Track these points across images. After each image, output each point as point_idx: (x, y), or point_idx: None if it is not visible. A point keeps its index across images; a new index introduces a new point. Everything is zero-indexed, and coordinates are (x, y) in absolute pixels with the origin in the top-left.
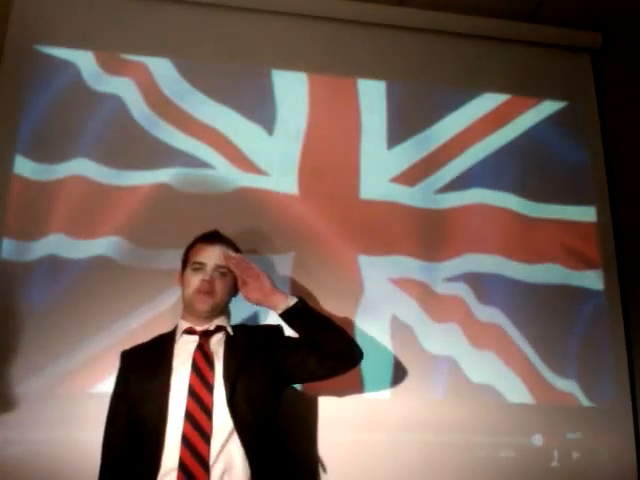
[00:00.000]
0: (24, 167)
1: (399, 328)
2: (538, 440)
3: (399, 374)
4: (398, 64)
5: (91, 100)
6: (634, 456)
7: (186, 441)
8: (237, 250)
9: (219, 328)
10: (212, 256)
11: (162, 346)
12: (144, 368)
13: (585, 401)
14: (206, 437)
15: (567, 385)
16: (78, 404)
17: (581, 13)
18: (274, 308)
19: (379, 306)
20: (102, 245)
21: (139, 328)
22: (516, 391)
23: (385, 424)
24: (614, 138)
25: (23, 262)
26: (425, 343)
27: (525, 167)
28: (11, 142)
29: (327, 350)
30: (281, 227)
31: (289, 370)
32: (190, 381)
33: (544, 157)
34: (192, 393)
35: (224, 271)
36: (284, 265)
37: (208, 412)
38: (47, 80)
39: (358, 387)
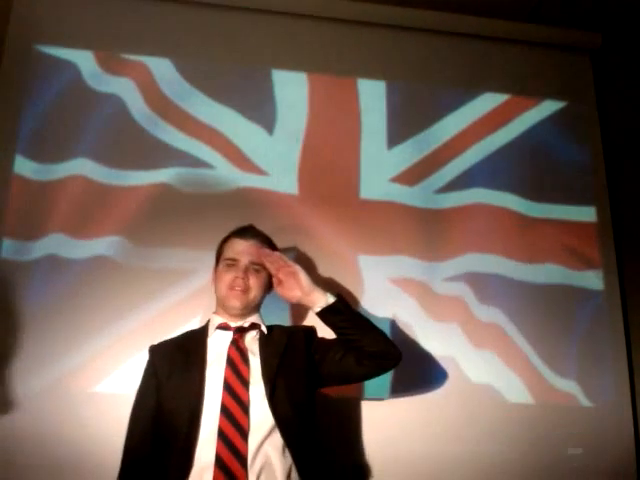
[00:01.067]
0: (24, 167)
1: (399, 328)
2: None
3: (399, 374)
4: (398, 64)
5: (91, 100)
6: (634, 456)
7: (223, 436)
8: (273, 246)
9: (253, 325)
10: (246, 252)
11: (194, 341)
12: (176, 363)
13: (585, 401)
14: (243, 433)
15: (567, 385)
16: (78, 404)
17: (581, 13)
18: (312, 306)
19: (379, 306)
20: (102, 245)
21: (139, 328)
22: (516, 391)
23: (385, 424)
24: (614, 138)
25: (23, 262)
26: (425, 343)
27: (525, 167)
28: (11, 142)
29: (366, 349)
30: (281, 227)
31: (327, 370)
32: (225, 376)
33: (544, 157)
34: (228, 388)
35: (258, 268)
36: None
37: (245, 408)
38: (47, 80)
39: (358, 387)
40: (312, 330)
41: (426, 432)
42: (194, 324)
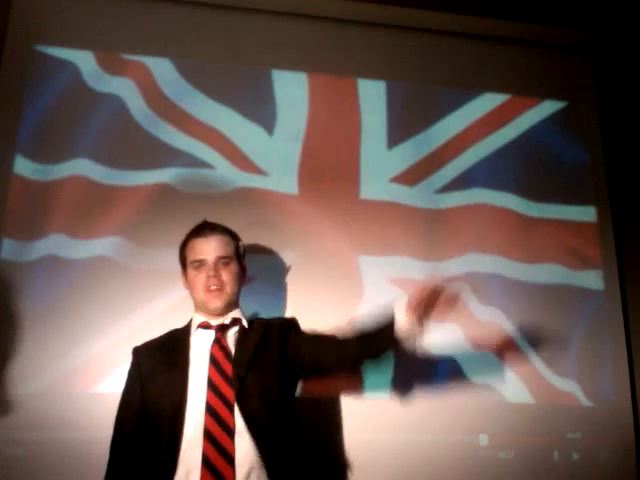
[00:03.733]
0: (24, 167)
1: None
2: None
3: (399, 374)
4: (398, 64)
5: (91, 100)
6: (634, 456)
7: (209, 436)
8: (232, 235)
9: (235, 321)
10: (210, 249)
11: (177, 341)
12: (159, 363)
13: (585, 401)
14: (230, 432)
15: (567, 385)
16: (78, 404)
17: (581, 13)
18: (409, 336)
19: (379, 306)
20: (102, 245)
21: (139, 328)
22: (516, 391)
23: (385, 424)
24: (614, 138)
25: (23, 262)
26: (425, 343)
27: (525, 167)
28: (11, 142)
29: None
30: (281, 227)
31: (299, 359)
32: (209, 374)
33: (544, 157)
34: (212, 386)
35: (226, 260)
36: (283, 265)
37: (230, 406)
38: (47, 80)
39: (358, 387)
40: (291, 321)
41: (426, 432)
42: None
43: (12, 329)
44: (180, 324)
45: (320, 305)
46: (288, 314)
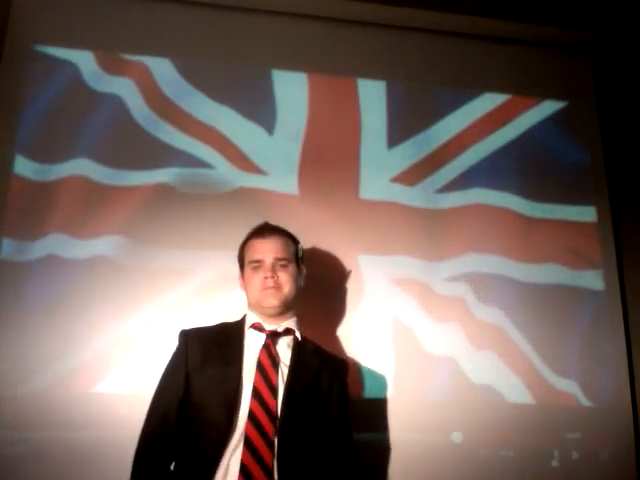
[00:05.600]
0: (24, 167)
1: (399, 328)
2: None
3: (399, 374)
4: (398, 64)
5: (91, 100)
6: (634, 456)
7: (249, 444)
8: (292, 238)
9: (287, 331)
10: (268, 250)
11: (231, 336)
12: (211, 355)
13: (585, 401)
14: (270, 443)
15: (567, 385)
16: (79, 404)
17: (580, 13)
18: None
19: (379, 306)
20: (102, 245)
21: (139, 328)
22: (516, 391)
23: (385, 424)
24: (614, 138)
25: (23, 262)
26: (425, 343)
27: (525, 167)
28: (11, 142)
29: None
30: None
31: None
32: (255, 382)
33: (544, 157)
34: (256, 395)
35: (284, 263)
36: None
37: (272, 417)
38: (47, 80)
39: (358, 387)
40: (345, 367)
41: (426, 432)
42: (195, 324)
43: (12, 329)
44: (180, 324)
45: (320, 305)
46: None
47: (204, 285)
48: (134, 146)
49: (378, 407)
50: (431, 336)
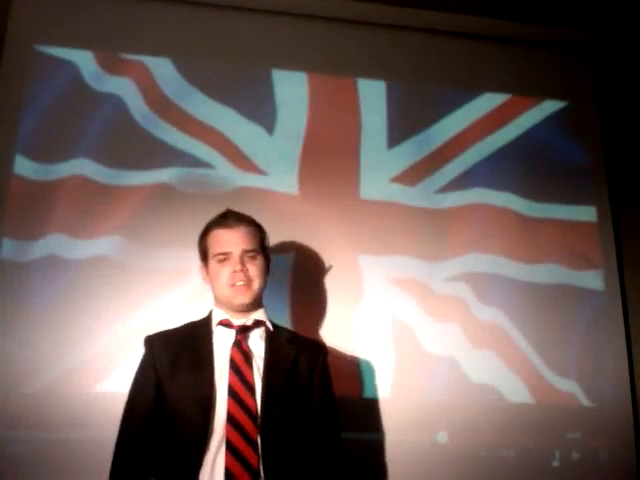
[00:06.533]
0: (24, 167)
1: (399, 328)
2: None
3: (399, 374)
4: (398, 64)
5: (91, 100)
6: (634, 456)
7: (232, 448)
8: (258, 227)
9: (257, 323)
10: (236, 241)
11: (199, 337)
12: (180, 359)
13: (585, 401)
14: (254, 444)
15: (567, 385)
16: (79, 403)
17: (581, 14)
18: None
19: (379, 306)
20: (102, 245)
21: (139, 328)
22: (516, 391)
23: (385, 424)
24: (614, 138)
25: (23, 262)
26: (425, 343)
27: (525, 167)
28: (11, 142)
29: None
30: (281, 227)
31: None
32: (230, 382)
33: (544, 157)
34: (233, 395)
35: (252, 254)
36: (284, 265)
37: (253, 417)
38: (47, 80)
39: (358, 387)
40: (323, 350)
41: (425, 431)
42: None
43: (12, 329)
44: (180, 324)
45: (320, 305)
46: (288, 314)
47: (204, 285)
48: (134, 146)
49: (377, 407)
50: (431, 336)
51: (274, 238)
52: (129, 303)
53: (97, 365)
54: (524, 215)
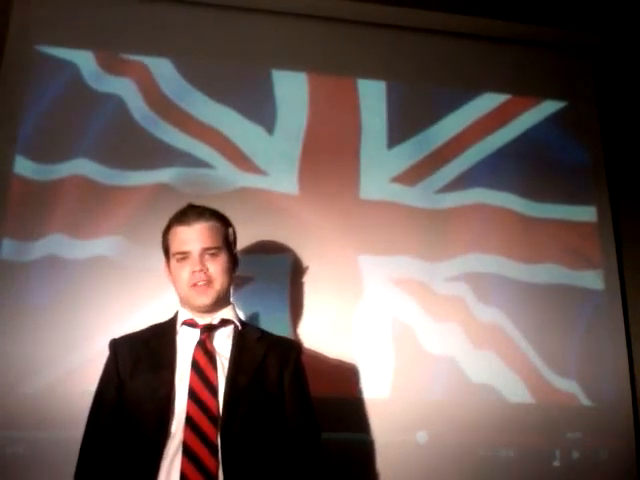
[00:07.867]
0: (24, 167)
1: (399, 328)
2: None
3: (399, 374)
4: (398, 64)
5: (91, 100)
6: (634, 456)
7: (189, 452)
8: (222, 219)
9: (224, 322)
10: (195, 240)
11: (162, 338)
12: (141, 361)
13: (585, 401)
14: (213, 448)
15: (567, 385)
16: (79, 404)
17: (581, 14)
18: None
19: (379, 306)
20: (102, 245)
21: (139, 328)
22: (516, 391)
23: (385, 424)
24: (614, 138)
25: (23, 262)
26: (425, 343)
27: (525, 167)
28: (11, 142)
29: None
30: (281, 227)
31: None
32: (191, 383)
33: (544, 157)
34: (193, 396)
35: (214, 252)
36: (284, 265)
37: (214, 420)
38: (47, 80)
39: (358, 387)
40: (296, 348)
41: (426, 432)
42: None
43: (12, 329)
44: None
45: (320, 305)
46: (288, 314)
47: None
48: (134, 146)
49: (377, 407)
50: (431, 336)
51: (274, 238)
52: (129, 303)
53: (97, 365)
54: (524, 215)
